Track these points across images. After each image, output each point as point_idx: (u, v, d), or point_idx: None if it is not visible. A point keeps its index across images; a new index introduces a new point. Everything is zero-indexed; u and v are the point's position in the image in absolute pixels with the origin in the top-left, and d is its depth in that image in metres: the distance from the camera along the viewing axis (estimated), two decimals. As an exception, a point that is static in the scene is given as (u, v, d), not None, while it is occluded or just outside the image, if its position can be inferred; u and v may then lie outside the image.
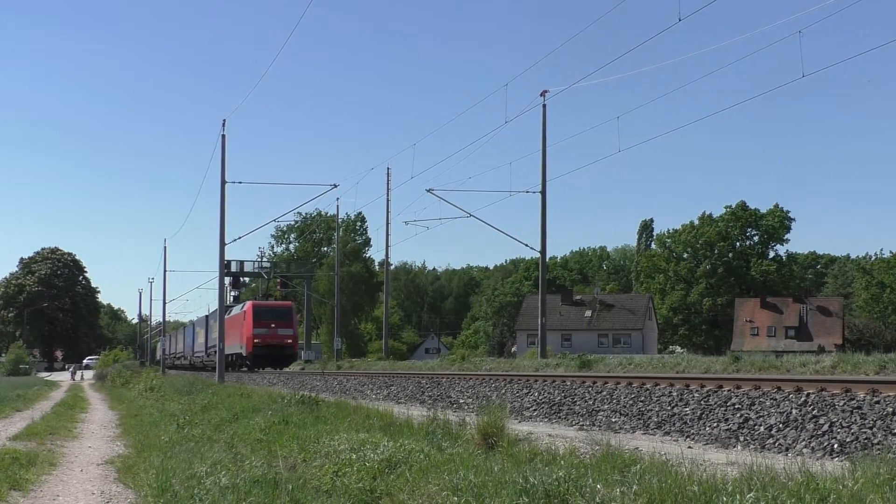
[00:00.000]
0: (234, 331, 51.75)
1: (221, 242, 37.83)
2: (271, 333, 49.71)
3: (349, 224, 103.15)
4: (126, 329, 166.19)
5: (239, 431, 14.90)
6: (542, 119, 38.11)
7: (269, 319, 50.18)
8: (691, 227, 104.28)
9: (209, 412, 19.70)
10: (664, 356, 47.08)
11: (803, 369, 16.70)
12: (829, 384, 11.17)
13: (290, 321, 51.39)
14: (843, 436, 8.82)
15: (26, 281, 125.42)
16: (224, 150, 37.20)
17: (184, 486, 10.03)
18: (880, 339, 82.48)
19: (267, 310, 51.67)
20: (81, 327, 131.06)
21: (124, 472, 13.38)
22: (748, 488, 5.75)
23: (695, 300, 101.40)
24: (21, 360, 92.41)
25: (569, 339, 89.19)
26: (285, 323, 50.78)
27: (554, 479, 6.68)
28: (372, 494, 8.58)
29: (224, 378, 36.53)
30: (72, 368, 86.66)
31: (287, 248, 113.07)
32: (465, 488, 7.23)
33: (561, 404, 14.00)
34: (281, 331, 49.96)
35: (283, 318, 51.02)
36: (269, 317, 50.50)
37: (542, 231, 38.97)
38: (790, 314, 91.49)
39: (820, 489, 5.56)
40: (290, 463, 10.85)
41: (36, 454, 15.31)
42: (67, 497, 11.42)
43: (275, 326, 49.86)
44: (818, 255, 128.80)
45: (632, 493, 6.10)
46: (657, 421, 11.48)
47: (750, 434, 9.80)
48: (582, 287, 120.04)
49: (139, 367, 72.19)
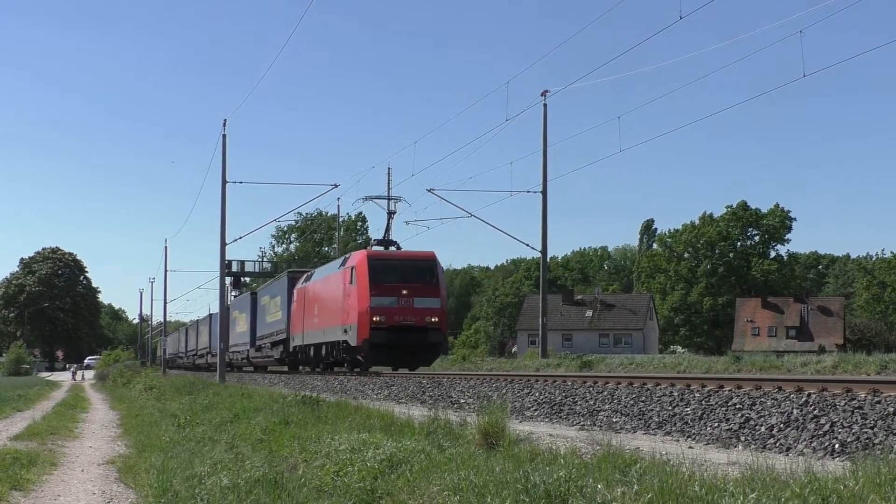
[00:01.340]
0: (328, 305, 32.00)
1: (222, 242, 37.84)
2: (404, 306, 28.61)
3: (350, 224, 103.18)
4: (127, 329, 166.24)
5: (240, 431, 14.90)
6: (543, 119, 38.10)
7: (398, 281, 28.77)
8: (692, 226, 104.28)
9: (210, 412, 19.72)
10: (665, 356, 47.05)
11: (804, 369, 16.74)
12: (831, 384, 11.17)
13: (435, 285, 29.17)
14: (844, 436, 8.82)
15: (27, 281, 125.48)
16: (225, 149, 37.21)
17: (185, 485, 10.04)
18: (881, 339, 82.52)
19: (394, 264, 29.41)
20: (82, 327, 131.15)
21: (125, 472, 13.39)
22: (750, 488, 5.75)
23: (696, 300, 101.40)
24: (22, 360, 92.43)
25: (570, 339, 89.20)
26: (427, 287, 28.96)
27: (555, 479, 6.68)
28: (373, 494, 8.58)
29: (225, 378, 36.54)
30: (73, 368, 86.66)
31: (287, 248, 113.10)
32: (466, 488, 7.24)
33: (562, 404, 14.00)
34: (420, 301, 28.68)
35: (424, 278, 29.14)
36: (399, 276, 28.92)
37: (543, 231, 38.99)
38: (791, 314, 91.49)
39: (822, 489, 5.56)
40: (291, 463, 10.85)
41: (37, 454, 15.32)
42: (68, 497, 11.43)
43: (408, 294, 28.56)
44: (819, 255, 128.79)
45: (633, 492, 6.09)
46: (658, 421, 11.48)
47: (751, 434, 9.80)
48: (583, 287, 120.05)
49: (140, 367, 72.15)
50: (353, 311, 28.71)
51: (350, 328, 28.98)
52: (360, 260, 29.22)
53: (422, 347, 28.82)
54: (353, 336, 28.52)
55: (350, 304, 29.03)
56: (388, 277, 28.51)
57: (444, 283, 30.07)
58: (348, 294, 29.32)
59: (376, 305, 28.12)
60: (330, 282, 32.06)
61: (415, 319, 28.35)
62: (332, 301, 31.36)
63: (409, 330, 28.23)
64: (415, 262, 29.63)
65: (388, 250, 30.75)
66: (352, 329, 28.78)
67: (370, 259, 29.08)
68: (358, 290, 28.50)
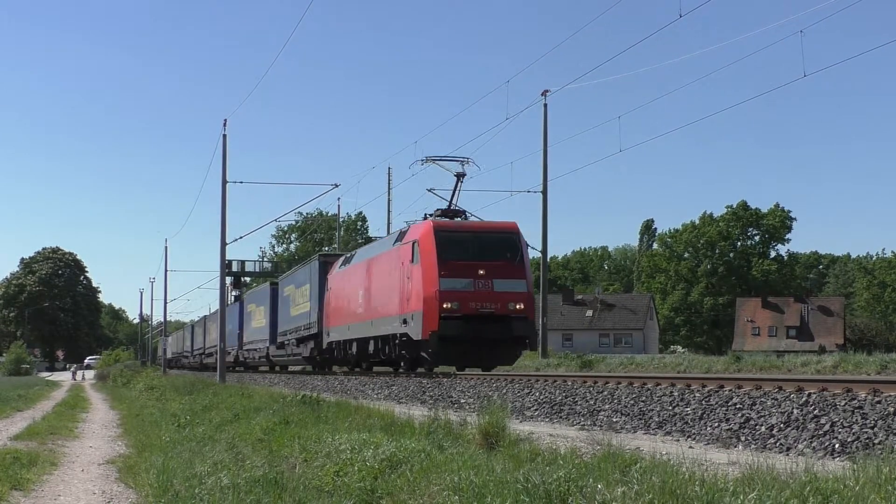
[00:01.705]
0: (378, 291, 26.21)
1: (222, 242, 37.85)
2: (481, 290, 22.76)
3: (350, 224, 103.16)
4: (127, 329, 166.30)
5: (240, 431, 14.91)
6: (544, 119, 38.15)
7: (473, 259, 23.00)
8: (692, 226, 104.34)
9: (210, 412, 19.73)
10: (665, 356, 47.05)
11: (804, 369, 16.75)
12: (831, 384, 11.17)
13: (519, 264, 23.40)
14: (844, 435, 8.82)
15: (27, 281, 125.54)
16: (225, 149, 37.18)
17: (185, 485, 10.03)
18: (882, 339, 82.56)
19: (467, 237, 23.54)
20: (82, 327, 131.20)
21: (125, 472, 13.39)
22: (750, 488, 5.75)
23: (696, 300, 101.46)
24: (22, 359, 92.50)
25: (570, 339, 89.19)
26: (510, 266, 23.18)
27: (555, 479, 6.68)
28: (373, 494, 8.59)
29: (225, 378, 36.55)
30: (73, 368, 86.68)
31: (288, 248, 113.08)
32: (467, 488, 7.24)
33: (562, 404, 14.00)
34: (501, 284, 22.87)
35: (505, 254, 23.32)
36: (474, 252, 23.15)
37: (544, 231, 39.01)
38: (791, 314, 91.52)
39: (822, 489, 5.56)
40: (292, 463, 10.86)
41: (37, 454, 15.32)
42: (69, 497, 11.43)
43: (486, 275, 22.84)
44: (819, 255, 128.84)
45: (633, 492, 6.09)
46: (658, 421, 11.48)
47: (751, 434, 9.81)
48: (583, 287, 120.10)
49: (140, 367, 72.17)
50: (416, 296, 22.81)
51: (412, 318, 22.99)
52: (425, 232, 23.11)
53: (504, 341, 22.94)
54: (417, 328, 22.65)
55: (412, 288, 23.08)
56: (460, 254, 22.83)
57: (528, 261, 24.27)
58: (409, 276, 23.31)
59: (447, 289, 22.28)
60: (380, 263, 26.29)
61: (495, 306, 22.57)
62: (383, 286, 25.56)
63: (489, 320, 22.49)
64: (494, 235, 23.57)
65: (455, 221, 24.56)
66: (414, 319, 22.85)
67: (437, 231, 23.01)
68: (423, 269, 22.62)
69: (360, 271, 28.32)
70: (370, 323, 26.63)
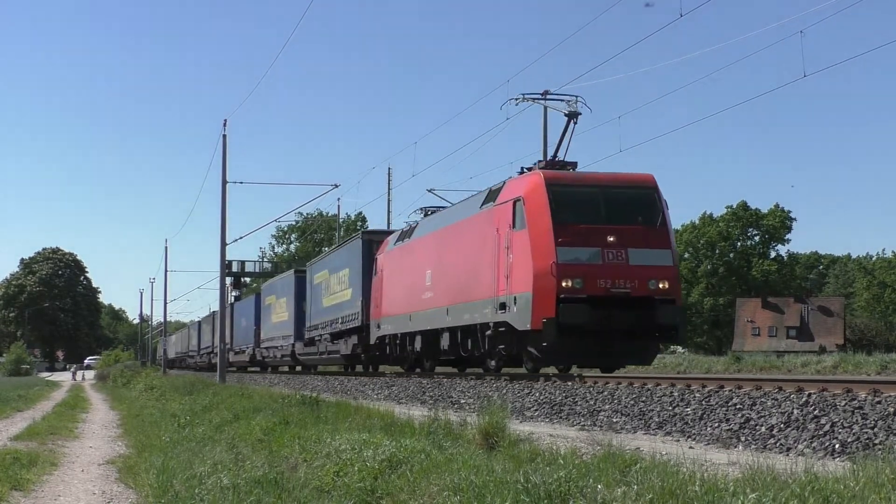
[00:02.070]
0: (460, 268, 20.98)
1: (222, 242, 37.82)
2: (613, 263, 17.42)
3: (350, 224, 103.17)
4: (127, 329, 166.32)
5: (240, 431, 14.91)
6: (544, 119, 37.98)
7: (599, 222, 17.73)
8: (692, 226, 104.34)
9: (210, 412, 19.72)
10: (665, 356, 47.05)
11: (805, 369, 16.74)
12: (831, 384, 11.19)
13: (662, 228, 18.14)
14: (844, 436, 8.82)
15: (27, 281, 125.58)
16: (225, 149, 37.13)
17: (185, 485, 10.04)
18: (882, 340, 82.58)
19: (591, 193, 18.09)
20: (82, 327, 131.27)
21: (125, 472, 13.40)
22: (750, 488, 5.75)
23: (696, 300, 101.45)
24: (22, 360, 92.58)
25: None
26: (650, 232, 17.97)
27: (555, 479, 6.68)
28: (373, 494, 8.59)
29: (225, 378, 36.54)
30: (73, 368, 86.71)
31: (288, 249, 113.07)
32: (467, 488, 7.24)
33: (562, 404, 14.00)
34: (639, 255, 17.58)
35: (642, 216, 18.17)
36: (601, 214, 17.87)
37: (544, 231, 38.73)
38: (791, 314, 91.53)
39: (822, 489, 5.56)
40: (292, 463, 10.86)
41: (37, 454, 15.32)
42: (69, 497, 11.43)
43: (618, 242, 17.48)
44: (819, 255, 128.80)
45: (633, 493, 6.10)
46: (658, 421, 11.48)
47: (751, 434, 9.81)
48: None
49: (140, 368, 72.18)
50: (521, 272, 17.40)
51: (514, 302, 17.57)
52: (534, 187, 17.59)
53: (643, 332, 17.36)
54: (523, 314, 17.21)
55: (513, 262, 17.71)
56: (583, 215, 17.42)
57: (671, 226, 18.51)
58: (508, 245, 17.92)
59: (568, 261, 16.91)
60: (460, 233, 20.91)
61: (632, 285, 17.17)
62: (466, 262, 20.21)
63: (624, 303, 17.11)
64: (628, 190, 18.18)
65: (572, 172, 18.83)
66: (518, 303, 17.41)
67: (551, 184, 17.45)
68: (531, 236, 17.18)
69: (428, 246, 23.08)
70: (444, 311, 21.33)
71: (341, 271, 32.49)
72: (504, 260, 18.20)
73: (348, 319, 30.77)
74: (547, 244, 17.10)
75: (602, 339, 17.19)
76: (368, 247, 29.61)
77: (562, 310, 16.82)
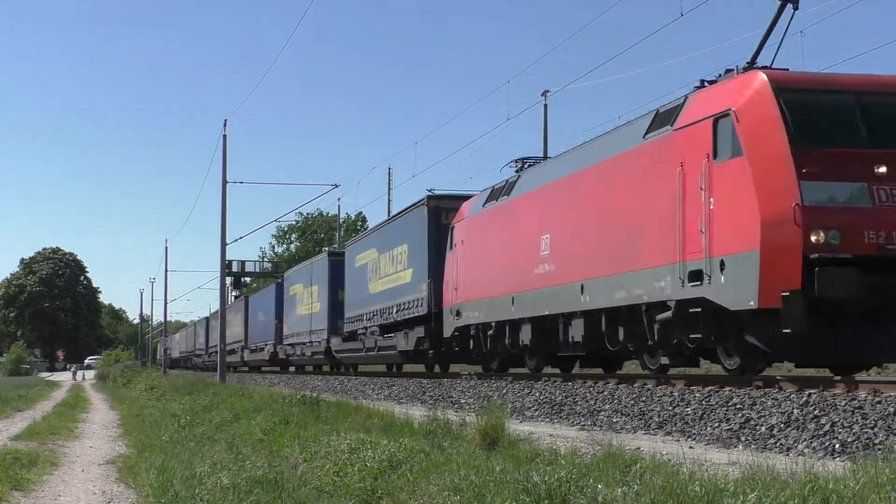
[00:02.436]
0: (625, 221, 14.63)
1: (223, 242, 37.82)
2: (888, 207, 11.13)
3: (350, 224, 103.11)
4: (127, 329, 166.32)
5: (240, 431, 14.91)
6: (544, 119, 38.04)
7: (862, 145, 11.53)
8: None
9: (210, 412, 19.72)
10: (665, 356, 47.11)
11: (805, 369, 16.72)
12: (831, 384, 11.19)
13: None
14: (844, 436, 8.82)
15: (27, 281, 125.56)
16: (225, 149, 37.13)
17: (185, 485, 10.04)
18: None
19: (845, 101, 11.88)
20: (83, 327, 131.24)
21: (126, 472, 13.40)
22: (750, 488, 5.75)
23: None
24: (22, 360, 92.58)
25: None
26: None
27: (555, 479, 6.68)
28: (373, 494, 8.59)
29: (225, 378, 36.54)
30: (73, 368, 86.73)
31: (288, 249, 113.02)
32: (466, 488, 7.24)
33: (562, 404, 14.00)
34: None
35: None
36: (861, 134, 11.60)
37: (545, 231, 38.65)
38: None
39: (822, 489, 5.56)
40: (292, 463, 10.87)
41: (37, 454, 15.32)
42: (69, 497, 11.44)
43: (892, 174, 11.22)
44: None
45: (633, 492, 6.10)
46: (658, 421, 11.48)
47: (751, 434, 9.81)
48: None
49: (140, 368, 72.17)
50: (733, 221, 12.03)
51: (724, 266, 12.09)
52: (754, 94, 12.15)
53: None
54: (740, 285, 11.78)
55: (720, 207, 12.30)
56: (836, 135, 11.90)
57: None
58: (707, 184, 12.49)
59: (818, 203, 11.44)
60: (606, 175, 15.52)
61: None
62: (621, 216, 14.89)
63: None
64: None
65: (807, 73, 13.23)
66: (731, 269, 11.96)
67: (781, 88, 11.98)
68: (753, 166, 11.75)
69: (541, 203, 17.90)
70: (576, 288, 16.06)
71: (397, 248, 27.05)
72: (698, 207, 12.64)
73: (408, 307, 25.33)
74: (783, 177, 11.51)
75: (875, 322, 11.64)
76: (436, 215, 24.24)
77: (818, 276, 11.12)
